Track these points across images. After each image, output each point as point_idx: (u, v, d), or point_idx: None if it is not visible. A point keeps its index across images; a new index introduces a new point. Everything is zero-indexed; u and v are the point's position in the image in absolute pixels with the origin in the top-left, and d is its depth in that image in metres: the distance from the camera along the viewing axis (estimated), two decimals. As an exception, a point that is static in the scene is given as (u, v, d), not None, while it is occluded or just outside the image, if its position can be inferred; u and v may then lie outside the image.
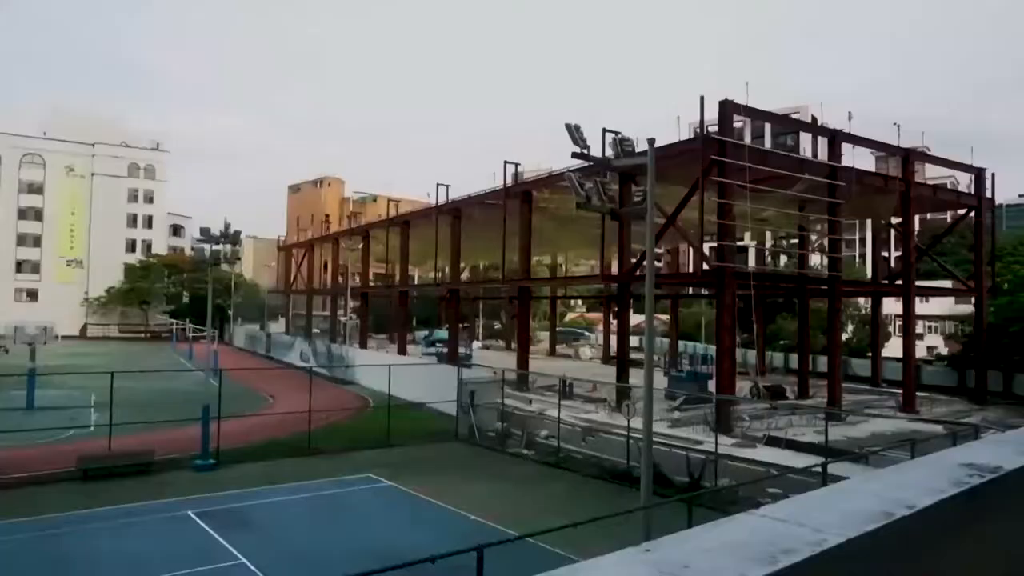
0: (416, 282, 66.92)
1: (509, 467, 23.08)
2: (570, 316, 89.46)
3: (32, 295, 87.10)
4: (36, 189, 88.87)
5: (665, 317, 55.75)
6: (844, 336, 43.01)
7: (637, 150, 12.61)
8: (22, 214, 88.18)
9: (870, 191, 30.80)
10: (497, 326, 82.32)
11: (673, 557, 2.07)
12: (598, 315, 73.83)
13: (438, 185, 42.96)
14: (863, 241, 73.65)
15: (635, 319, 38.14)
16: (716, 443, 18.91)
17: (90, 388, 34.20)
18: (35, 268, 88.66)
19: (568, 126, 11.06)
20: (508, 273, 38.49)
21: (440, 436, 27.34)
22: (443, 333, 57.59)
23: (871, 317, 40.61)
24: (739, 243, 33.88)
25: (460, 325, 50.06)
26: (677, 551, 2.15)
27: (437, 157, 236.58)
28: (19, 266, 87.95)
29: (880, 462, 18.17)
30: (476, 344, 63.76)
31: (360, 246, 55.01)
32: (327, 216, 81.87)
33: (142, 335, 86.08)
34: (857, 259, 72.23)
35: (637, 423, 20.62)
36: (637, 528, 12.90)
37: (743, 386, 30.84)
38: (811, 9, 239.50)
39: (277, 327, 72.42)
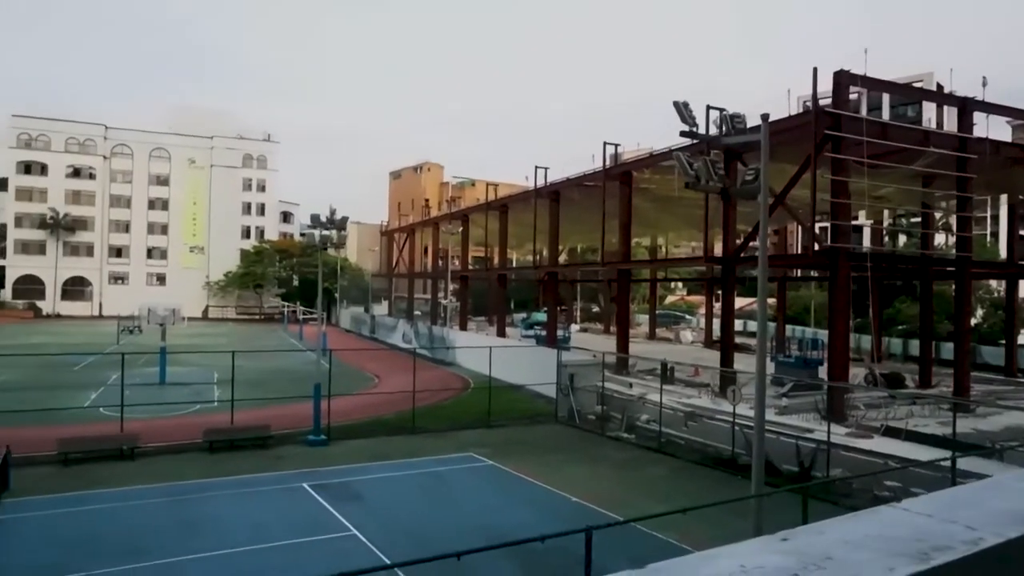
0: (514, 265, 67.39)
1: (609, 450, 22.98)
2: (670, 299, 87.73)
3: (161, 279, 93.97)
4: (163, 181, 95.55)
5: (771, 300, 53.67)
6: (973, 321, 39.95)
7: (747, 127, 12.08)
8: (151, 204, 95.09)
9: (1007, 163, 28.34)
10: (595, 309, 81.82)
11: (813, 548, 1.96)
12: (699, 298, 72.02)
13: (536, 168, 42.93)
14: (996, 219, 67.93)
15: (738, 302, 36.90)
16: (828, 432, 18.07)
17: (212, 366, 36.63)
18: (163, 254, 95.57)
19: (677, 104, 10.71)
20: (607, 255, 38.07)
21: (539, 418, 27.54)
22: (541, 316, 57.79)
23: (1005, 301, 37.54)
24: (854, 222, 32.02)
25: (558, 308, 50.07)
26: (816, 541, 2.04)
27: (536, 140, 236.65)
28: (149, 252, 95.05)
29: (1017, 458, 16.84)
30: (574, 327, 63.63)
31: (459, 230, 55.88)
32: (427, 201, 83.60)
33: (256, 317, 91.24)
34: (989, 238, 66.75)
35: (742, 409, 20.03)
36: (742, 517, 12.54)
37: (857, 373, 29.28)
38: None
39: (380, 309, 74.89)
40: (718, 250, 31.90)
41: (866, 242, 47.10)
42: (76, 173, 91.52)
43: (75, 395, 28.67)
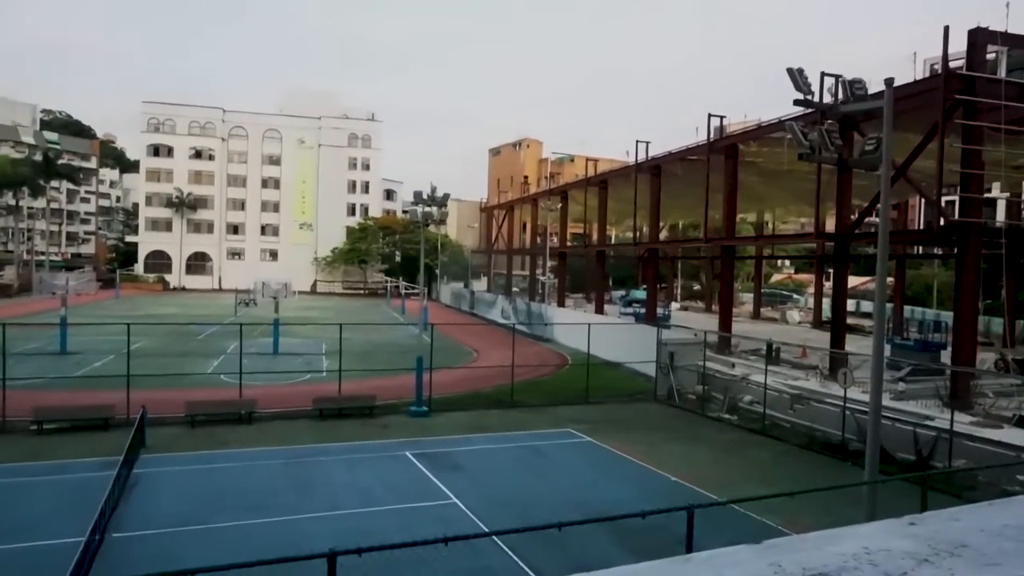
0: (613, 242, 66.66)
1: (709, 431, 22.51)
2: (776, 277, 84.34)
3: (273, 255, 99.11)
4: (275, 161, 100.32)
5: (888, 280, 50.58)
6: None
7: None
8: (264, 183, 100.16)
9: None
10: (696, 287, 79.88)
11: (945, 534, 1.84)
12: (808, 276, 68.90)
13: (637, 143, 42.12)
14: None
15: (850, 281, 34.95)
16: (952, 420, 16.94)
17: (321, 338, 38.43)
18: (275, 231, 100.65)
19: (790, 70, 10.16)
20: (710, 232, 37.00)
21: (638, 396, 27.29)
22: (640, 293, 57.01)
23: None
24: (986, 195, 29.58)
25: (658, 285, 49.21)
26: (948, 528, 1.92)
27: (637, 115, 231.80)
28: (263, 229, 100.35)
29: None
30: (674, 305, 62.44)
31: (558, 206, 55.75)
32: (526, 177, 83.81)
33: (361, 291, 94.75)
34: None
35: (854, 393, 19.08)
36: (852, 505, 11.99)
37: (986, 358, 27.25)
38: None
39: (479, 285, 76.03)
40: (830, 226, 30.35)
41: (1000, 217, 43.44)
42: (198, 155, 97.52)
43: (200, 362, 30.83)
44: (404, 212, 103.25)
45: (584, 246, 60.12)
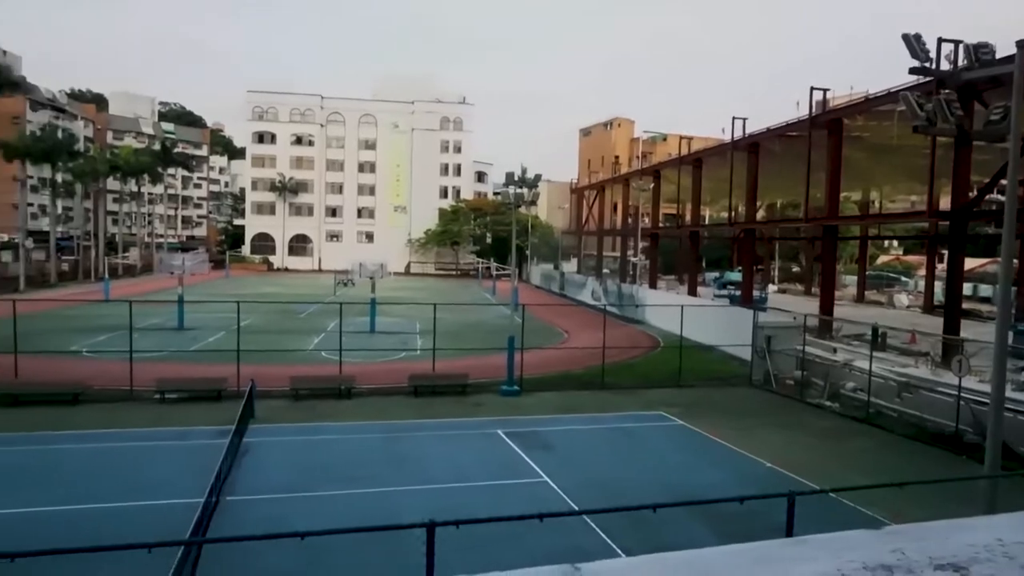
0: (707, 222, 64.90)
1: (808, 417, 21.72)
2: (883, 259, 79.85)
3: (369, 237, 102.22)
4: (370, 145, 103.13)
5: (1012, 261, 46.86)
6: None
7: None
8: (360, 167, 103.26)
9: None
10: (795, 269, 76.81)
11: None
12: (918, 258, 64.86)
13: (734, 119, 40.67)
14: None
15: (966, 263, 32.65)
16: (1081, 413, 15.64)
17: (415, 317, 39.44)
18: (371, 214, 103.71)
19: (906, 36, 9.53)
20: (811, 211, 35.36)
21: (732, 380, 26.64)
22: (735, 275, 55.40)
23: None
24: None
25: (754, 267, 47.62)
26: (1090, 524, 1.80)
27: (732, 92, 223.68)
28: (359, 212, 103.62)
29: None
30: (771, 287, 60.30)
31: (650, 186, 54.70)
32: (617, 157, 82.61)
33: (453, 272, 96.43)
34: None
35: (970, 382, 17.91)
36: (965, 501, 11.31)
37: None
38: None
39: (570, 267, 75.84)
40: (944, 204, 28.42)
41: None
42: (298, 140, 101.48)
43: (302, 339, 32.31)
44: (495, 194, 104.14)
45: (677, 227, 58.80)
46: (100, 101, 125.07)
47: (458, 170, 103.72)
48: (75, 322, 35.64)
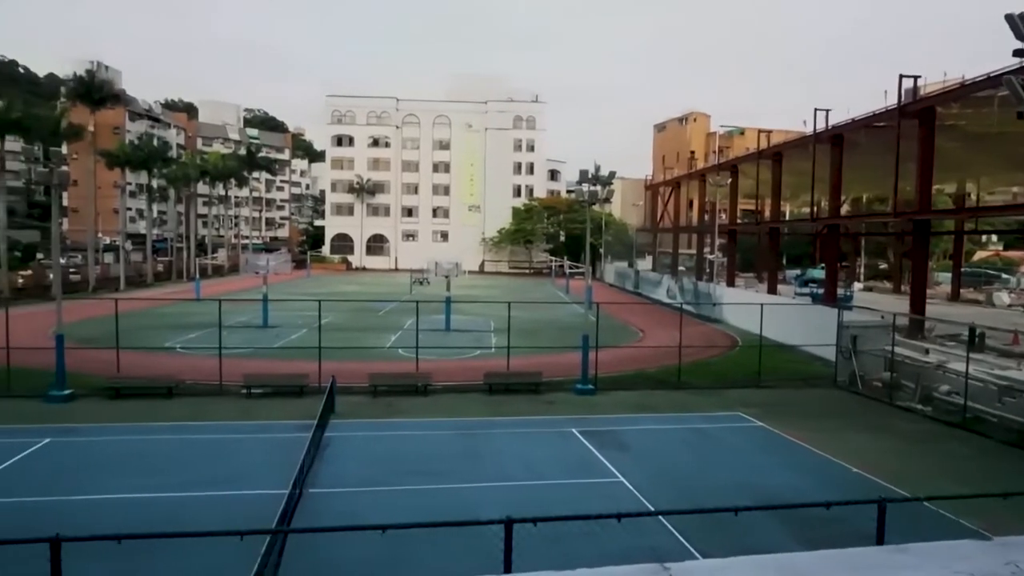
0: (788, 218, 62.84)
1: (897, 421, 20.72)
2: (980, 255, 75.36)
3: (444, 236, 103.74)
4: (444, 145, 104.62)
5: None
6: None
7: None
8: (435, 167, 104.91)
9: None
10: (882, 265, 73.43)
11: None
12: (1020, 253, 60.94)
13: (816, 110, 39.19)
14: None
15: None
16: None
17: (489, 315, 39.76)
18: (445, 213, 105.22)
19: (1010, 16, 8.94)
20: (900, 205, 33.70)
21: (815, 381, 25.71)
22: (817, 272, 53.46)
23: None
24: None
25: (838, 264, 45.78)
26: None
27: (813, 85, 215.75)
28: (434, 212, 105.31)
29: None
30: (857, 285, 57.85)
31: (727, 182, 53.36)
32: (692, 152, 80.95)
33: (526, 271, 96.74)
34: None
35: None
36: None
37: None
38: None
39: (644, 264, 74.86)
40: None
41: None
42: (375, 143, 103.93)
43: (380, 336, 33.09)
44: (568, 192, 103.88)
45: (756, 223, 57.17)
46: (191, 110, 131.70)
47: (531, 168, 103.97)
48: (169, 320, 37.62)
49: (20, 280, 52.19)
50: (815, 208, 43.78)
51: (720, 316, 41.94)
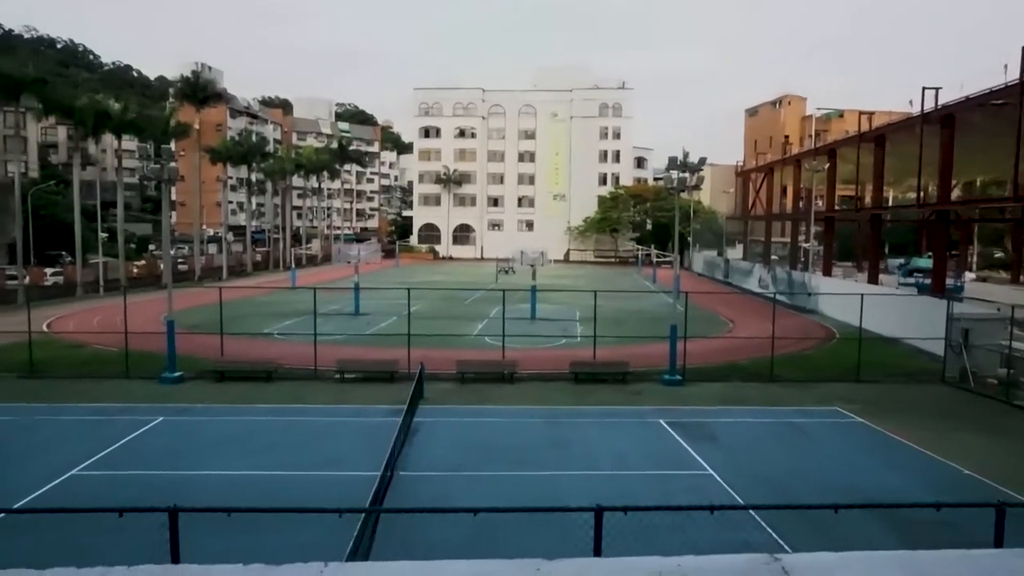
0: (891, 204, 59.53)
1: (1015, 421, 19.33)
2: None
3: (529, 225, 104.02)
4: (530, 135, 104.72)
5: None
6: None
7: None
8: (520, 157, 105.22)
9: None
10: (998, 254, 68.51)
11: None
12: None
13: (924, 89, 36.87)
14: None
15: None
16: None
17: (574, 304, 39.65)
18: (530, 202, 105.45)
19: None
20: (1021, 189, 31.26)
21: (921, 376, 24.30)
22: (923, 261, 50.46)
23: None
24: None
25: (948, 252, 43.01)
26: None
27: (917, 60, 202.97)
28: (519, 201, 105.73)
29: None
30: (968, 275, 54.21)
31: (825, 167, 50.99)
32: (786, 137, 77.75)
33: (612, 260, 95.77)
34: None
35: None
36: None
37: None
38: None
39: (734, 253, 72.73)
40: None
41: None
42: (461, 133, 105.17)
43: (466, 325, 33.56)
44: (655, 179, 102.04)
45: (855, 209, 54.42)
46: (286, 106, 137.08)
47: (617, 156, 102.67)
48: (268, 307, 39.43)
49: (135, 270, 55.91)
50: (922, 193, 41.26)
51: (815, 307, 40.26)
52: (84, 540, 10.17)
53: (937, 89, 36.55)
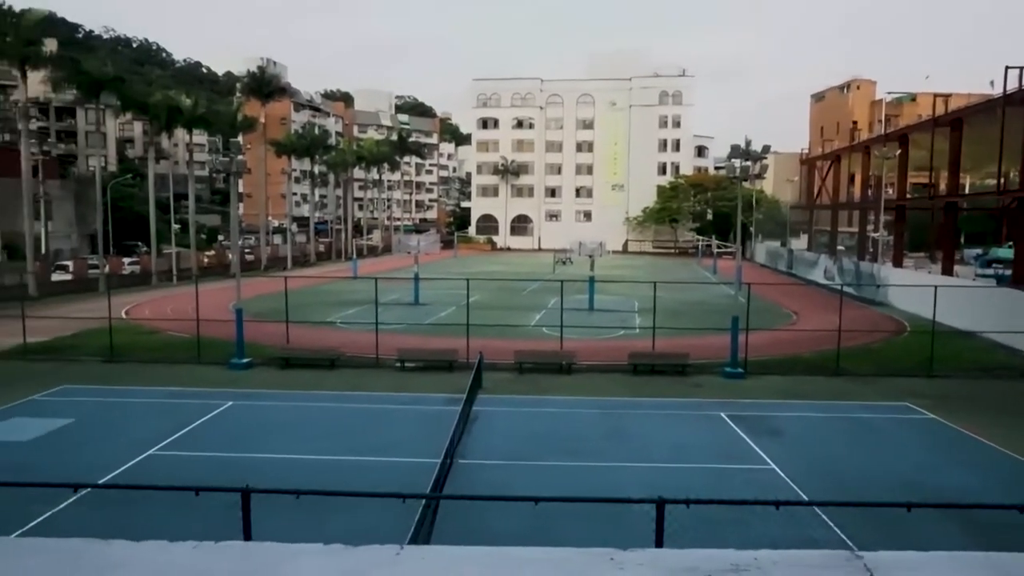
0: (967, 191, 56.83)
1: (1104, 421, 18.27)
2: None
3: (587, 216, 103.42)
4: (588, 125, 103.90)
5: None
6: None
7: None
8: (578, 147, 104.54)
9: None
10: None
11: None
12: None
13: (1007, 68, 34.94)
14: None
15: None
16: None
17: (632, 295, 39.27)
18: (588, 193, 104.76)
19: None
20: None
21: (999, 372, 23.22)
22: (1003, 251, 48.09)
23: None
24: None
25: (1029, 242, 40.76)
26: None
27: (995, 41, 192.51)
28: (577, 192, 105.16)
29: None
30: (1052, 266, 51.35)
31: (896, 153, 48.97)
32: (855, 123, 75.01)
33: (671, 250, 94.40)
34: None
35: None
36: None
37: None
38: None
39: (798, 243, 70.72)
40: None
41: None
42: (519, 124, 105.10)
43: (524, 315, 33.65)
44: (716, 168, 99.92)
45: (929, 197, 52.18)
46: (347, 99, 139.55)
47: (677, 145, 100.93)
48: (330, 296, 40.36)
49: (205, 260, 58.04)
50: (1002, 180, 39.22)
51: (885, 299, 38.86)
52: (162, 516, 10.67)
53: (1021, 68, 34.60)
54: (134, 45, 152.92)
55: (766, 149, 23.79)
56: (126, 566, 1.38)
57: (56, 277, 44.44)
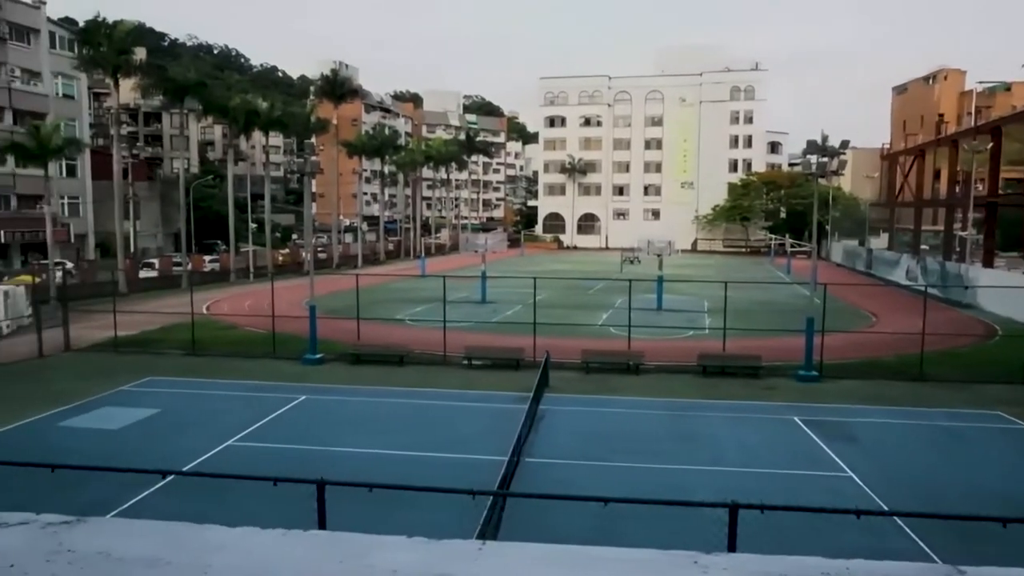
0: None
1: None
2: None
3: (655, 214, 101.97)
4: (656, 122, 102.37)
5: None
6: None
7: None
8: (646, 145, 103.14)
9: None
10: None
11: None
12: None
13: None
14: None
15: None
16: None
17: (702, 295, 38.51)
18: (657, 191, 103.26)
19: None
20: None
21: (1102, 380, 21.68)
22: (1107, 251, 44.94)
23: None
24: None
25: None
26: None
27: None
28: (645, 190, 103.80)
29: None
30: None
31: (987, 147, 46.41)
32: (941, 115, 71.37)
33: (742, 249, 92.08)
34: None
35: None
36: None
37: None
38: None
39: (878, 243, 67.90)
40: None
41: None
42: (586, 122, 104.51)
43: (591, 314, 33.47)
44: (790, 165, 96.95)
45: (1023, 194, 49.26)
46: (416, 99, 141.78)
47: (749, 141, 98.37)
48: (399, 294, 41.11)
49: (280, 258, 60.02)
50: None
51: (973, 301, 36.88)
52: (241, 504, 11.10)
53: None
54: (215, 52, 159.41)
55: (844, 144, 22.89)
56: (224, 549, 1.44)
57: (143, 274, 46.83)
